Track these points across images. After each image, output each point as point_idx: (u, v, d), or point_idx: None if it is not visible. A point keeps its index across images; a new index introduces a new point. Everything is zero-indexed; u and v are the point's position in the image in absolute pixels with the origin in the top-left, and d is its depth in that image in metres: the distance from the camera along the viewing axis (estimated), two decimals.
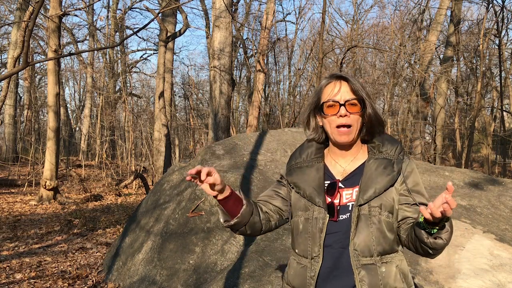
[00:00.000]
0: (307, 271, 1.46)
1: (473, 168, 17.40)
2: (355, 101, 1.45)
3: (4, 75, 3.87)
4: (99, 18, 12.35)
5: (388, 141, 1.53)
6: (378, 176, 1.44)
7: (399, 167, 1.46)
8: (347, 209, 1.45)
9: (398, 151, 1.50)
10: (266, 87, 22.13)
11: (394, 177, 1.44)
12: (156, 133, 12.88)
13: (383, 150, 1.51)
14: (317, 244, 1.44)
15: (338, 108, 1.45)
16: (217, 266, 3.60)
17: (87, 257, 5.50)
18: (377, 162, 1.47)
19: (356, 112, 1.46)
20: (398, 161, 1.48)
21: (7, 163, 15.03)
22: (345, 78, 1.49)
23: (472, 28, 18.11)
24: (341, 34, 19.57)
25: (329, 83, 1.51)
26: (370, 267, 1.40)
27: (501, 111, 17.56)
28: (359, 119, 1.48)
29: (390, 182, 1.44)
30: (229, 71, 9.97)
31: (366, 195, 1.42)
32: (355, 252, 1.40)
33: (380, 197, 1.42)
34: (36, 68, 21.71)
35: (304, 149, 1.61)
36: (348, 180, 1.50)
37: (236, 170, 4.57)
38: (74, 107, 30.39)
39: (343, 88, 1.47)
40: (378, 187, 1.42)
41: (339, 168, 1.54)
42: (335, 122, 1.46)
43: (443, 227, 1.30)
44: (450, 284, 2.74)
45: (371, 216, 1.41)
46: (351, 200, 1.45)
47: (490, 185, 4.37)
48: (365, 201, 1.42)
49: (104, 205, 9.62)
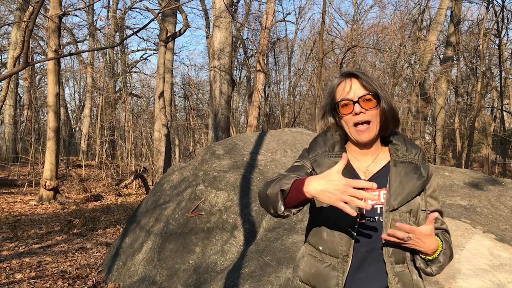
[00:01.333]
0: (335, 271, 1.39)
1: (473, 168, 17.40)
2: (370, 96, 1.39)
3: (4, 75, 3.87)
4: (99, 18, 12.33)
5: (410, 145, 1.49)
6: (409, 180, 1.40)
7: (426, 173, 1.43)
8: (375, 211, 1.39)
9: (421, 156, 1.47)
10: (266, 87, 22.14)
11: (424, 183, 1.42)
12: (156, 133, 12.88)
13: (407, 153, 1.46)
14: (347, 242, 1.38)
15: (352, 106, 1.40)
16: (217, 266, 3.60)
17: (87, 257, 5.50)
18: (405, 166, 1.43)
19: (372, 107, 1.39)
20: (424, 166, 1.45)
21: (7, 163, 15.03)
22: (355, 75, 1.43)
23: (472, 28, 18.12)
24: (341, 34, 19.58)
25: (340, 82, 1.46)
26: (404, 274, 1.37)
27: (501, 111, 17.56)
28: (377, 114, 1.41)
29: (421, 188, 1.41)
30: (229, 71, 9.97)
31: (398, 200, 1.37)
32: (390, 259, 1.36)
33: (410, 203, 1.39)
34: (36, 68, 21.71)
35: (328, 139, 1.52)
36: (373, 181, 1.41)
37: (236, 170, 4.57)
38: (74, 107, 30.41)
39: (354, 85, 1.42)
40: (410, 192, 1.39)
41: (361, 166, 1.47)
42: (352, 121, 1.41)
43: (435, 259, 1.34)
44: (450, 284, 2.75)
45: (401, 221, 1.37)
46: (378, 203, 1.40)
47: (490, 185, 4.37)
48: (398, 206, 1.37)
49: (104, 205, 9.62)
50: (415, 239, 1.28)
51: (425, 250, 1.31)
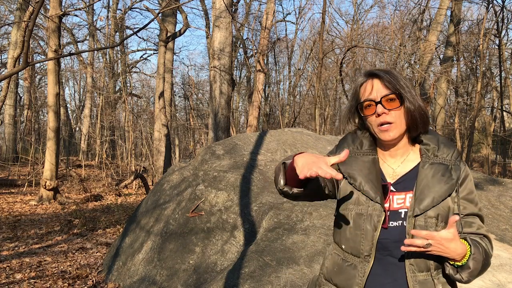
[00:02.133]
0: (356, 270, 1.36)
1: (473, 168, 17.40)
2: (393, 96, 1.34)
3: (4, 75, 3.87)
4: (99, 18, 12.34)
5: (444, 144, 1.41)
6: (436, 183, 1.33)
7: (457, 174, 1.35)
8: (399, 216, 1.34)
9: (455, 156, 1.39)
10: (266, 87, 22.14)
11: (453, 185, 1.34)
12: (156, 133, 12.88)
13: (438, 154, 1.39)
14: (370, 242, 1.34)
15: (375, 107, 1.36)
16: (217, 266, 3.60)
17: (87, 257, 5.50)
18: (434, 168, 1.36)
19: (395, 107, 1.34)
20: (455, 167, 1.37)
21: (7, 163, 15.03)
22: (377, 75, 1.39)
23: (472, 28, 18.12)
24: (341, 34, 19.58)
25: (363, 83, 1.42)
26: (427, 282, 1.31)
27: (501, 111, 17.57)
28: (401, 114, 1.36)
29: (448, 191, 1.33)
30: (229, 71, 9.97)
31: (423, 204, 1.31)
32: (411, 267, 1.31)
33: (437, 207, 1.31)
34: (36, 68, 21.71)
35: (357, 137, 1.49)
36: (399, 184, 1.38)
37: (236, 170, 4.57)
38: (74, 107, 30.42)
39: (376, 85, 1.38)
40: (436, 196, 1.32)
41: (388, 169, 1.42)
42: (376, 122, 1.37)
43: (464, 265, 1.26)
44: None
45: (427, 227, 1.30)
46: (404, 207, 1.35)
47: (490, 185, 4.37)
48: (422, 211, 1.31)
49: (104, 205, 9.62)
50: (436, 245, 1.21)
51: (451, 255, 1.24)
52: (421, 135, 1.43)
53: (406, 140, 1.43)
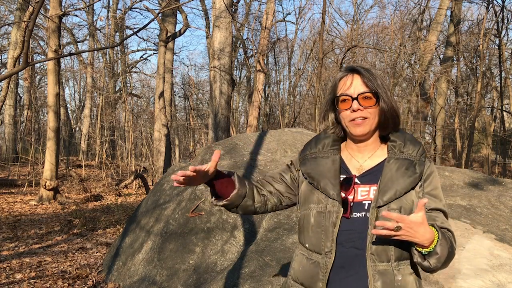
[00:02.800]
0: (318, 267, 1.39)
1: (473, 168, 17.40)
2: (369, 94, 1.39)
3: (4, 75, 3.88)
4: (99, 18, 12.34)
5: (410, 141, 1.46)
6: (400, 177, 1.38)
7: (421, 169, 1.40)
8: (362, 207, 1.39)
9: (420, 152, 1.44)
10: (266, 87, 22.14)
11: (416, 179, 1.38)
12: (156, 133, 12.88)
13: (404, 150, 1.44)
14: (330, 239, 1.38)
15: (350, 102, 1.40)
16: (217, 266, 3.60)
17: (87, 257, 5.50)
18: (398, 163, 1.41)
19: (370, 105, 1.39)
20: (420, 162, 1.42)
21: (7, 163, 15.03)
22: (358, 71, 1.43)
23: (472, 28, 18.12)
24: (341, 34, 19.57)
25: (343, 77, 1.45)
26: (386, 273, 1.33)
27: (501, 111, 17.57)
28: (375, 112, 1.41)
29: (411, 184, 1.37)
30: (229, 71, 9.97)
31: (386, 196, 1.35)
32: (372, 256, 1.34)
33: (400, 200, 1.36)
34: (36, 68, 21.71)
35: (320, 140, 1.55)
36: (365, 177, 1.44)
37: (236, 170, 4.57)
38: (74, 107, 30.43)
39: (355, 81, 1.41)
40: (399, 189, 1.36)
41: (355, 163, 1.48)
42: (349, 117, 1.41)
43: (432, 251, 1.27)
44: (450, 284, 2.75)
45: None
46: (368, 199, 1.39)
47: (490, 185, 4.37)
48: (385, 203, 1.35)
49: (104, 205, 9.62)
50: (406, 229, 1.21)
51: (420, 240, 1.24)
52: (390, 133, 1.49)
53: (375, 138, 1.48)
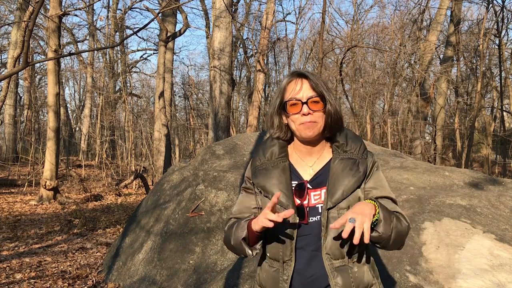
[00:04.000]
0: (279, 274, 1.45)
1: (473, 168, 17.40)
2: (317, 98, 1.44)
3: (4, 75, 3.87)
4: (99, 18, 12.33)
5: (351, 139, 1.52)
6: (345, 177, 1.43)
7: (364, 167, 1.46)
8: (317, 211, 1.43)
9: (361, 149, 1.50)
10: (266, 87, 22.14)
11: (360, 178, 1.44)
12: (156, 133, 12.88)
13: (347, 149, 1.49)
14: (289, 248, 1.43)
15: (300, 106, 1.43)
16: (217, 266, 3.60)
17: (87, 257, 5.50)
18: (343, 163, 1.46)
19: (319, 109, 1.44)
20: (362, 160, 1.47)
21: (7, 163, 15.03)
22: (306, 75, 1.47)
23: (472, 28, 18.12)
24: (341, 34, 19.56)
25: (290, 81, 1.48)
26: (343, 268, 1.40)
27: (501, 111, 17.57)
28: (323, 116, 1.46)
29: (356, 183, 1.43)
30: (229, 71, 9.97)
31: (334, 198, 1.41)
32: (328, 256, 1.40)
33: (348, 199, 1.41)
34: (36, 68, 21.71)
35: (267, 148, 1.57)
36: (315, 181, 1.48)
37: (236, 170, 4.57)
38: (74, 107, 30.43)
39: (304, 85, 1.45)
40: (346, 189, 1.41)
41: (305, 167, 1.51)
42: (299, 120, 1.44)
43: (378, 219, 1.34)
44: (450, 284, 2.75)
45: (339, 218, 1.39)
46: (320, 202, 1.44)
47: (490, 185, 4.37)
48: (334, 204, 1.41)
49: (104, 205, 9.62)
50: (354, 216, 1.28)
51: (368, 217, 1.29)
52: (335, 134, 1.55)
53: (322, 139, 1.53)
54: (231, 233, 1.52)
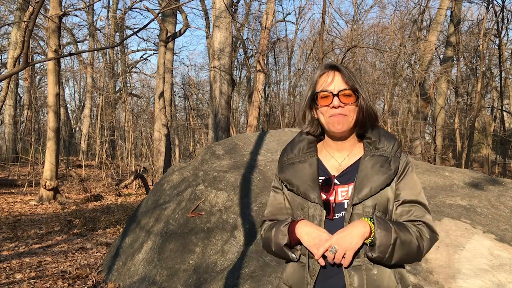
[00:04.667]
0: (305, 269, 1.41)
1: (473, 168, 17.39)
2: (349, 92, 1.40)
3: (4, 75, 3.87)
4: (99, 18, 12.33)
5: (385, 137, 1.47)
6: (374, 174, 1.38)
7: (396, 165, 1.41)
8: (343, 207, 1.40)
9: (395, 148, 1.44)
10: (266, 87, 22.13)
11: (390, 176, 1.39)
12: (156, 133, 12.88)
13: (379, 146, 1.44)
14: None
15: (331, 98, 1.40)
16: (217, 266, 3.60)
17: (87, 257, 5.50)
18: (373, 160, 1.42)
19: (350, 102, 1.40)
20: (395, 159, 1.42)
21: (7, 163, 15.03)
22: (339, 68, 1.44)
23: (472, 28, 18.12)
24: (341, 34, 19.55)
25: (323, 73, 1.46)
26: (360, 268, 1.35)
27: (501, 111, 17.57)
28: (355, 110, 1.42)
29: (386, 181, 1.38)
30: (229, 71, 9.97)
31: (361, 194, 1.37)
32: None
33: (375, 197, 1.37)
34: (36, 68, 21.71)
35: (295, 144, 1.55)
36: (343, 176, 1.44)
37: (236, 170, 4.57)
38: (74, 107, 30.42)
39: (336, 78, 1.42)
40: (374, 186, 1.37)
41: (334, 162, 1.48)
42: (329, 113, 1.41)
43: (373, 240, 1.32)
44: (450, 284, 2.75)
45: (364, 215, 1.36)
46: (347, 198, 1.40)
47: (490, 185, 4.37)
48: (360, 200, 1.37)
49: (104, 205, 9.62)
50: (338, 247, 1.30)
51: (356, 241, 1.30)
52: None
53: (353, 135, 1.49)
54: (270, 239, 1.48)
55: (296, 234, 1.40)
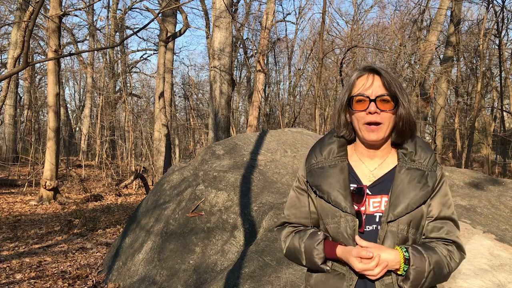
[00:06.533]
0: (343, 280, 1.34)
1: (473, 168, 17.39)
2: (388, 97, 1.31)
3: (4, 75, 3.88)
4: (99, 18, 12.35)
5: (421, 148, 1.38)
6: (411, 190, 1.31)
7: (433, 181, 1.34)
8: (374, 219, 1.33)
9: (431, 161, 1.36)
10: (266, 87, 22.12)
11: (428, 193, 1.32)
12: (156, 133, 12.88)
13: (415, 158, 1.36)
14: None
15: (367, 103, 1.31)
16: (217, 266, 3.60)
17: (87, 257, 5.50)
18: (410, 173, 1.34)
19: (387, 110, 1.31)
20: (432, 174, 1.34)
21: (7, 163, 15.02)
22: (379, 72, 1.34)
23: (472, 28, 18.12)
24: (341, 34, 19.55)
25: (361, 75, 1.36)
26: (392, 285, 1.30)
27: (501, 111, 17.57)
28: (391, 118, 1.33)
29: (423, 198, 1.32)
30: (229, 71, 9.97)
31: (397, 210, 1.30)
32: None
33: (411, 214, 1.31)
34: (36, 68, 21.71)
35: (325, 146, 1.45)
36: (376, 187, 1.36)
37: (236, 170, 4.57)
38: (74, 107, 30.40)
39: (376, 82, 1.33)
40: (411, 203, 1.30)
41: (365, 170, 1.40)
42: (364, 119, 1.32)
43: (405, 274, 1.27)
44: (450, 284, 2.75)
45: (398, 233, 1.30)
46: (379, 211, 1.33)
47: (490, 185, 4.37)
48: (395, 218, 1.30)
49: (104, 205, 9.62)
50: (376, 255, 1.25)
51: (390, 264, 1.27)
52: None
53: (388, 144, 1.40)
54: (299, 252, 1.41)
55: (339, 256, 1.34)
